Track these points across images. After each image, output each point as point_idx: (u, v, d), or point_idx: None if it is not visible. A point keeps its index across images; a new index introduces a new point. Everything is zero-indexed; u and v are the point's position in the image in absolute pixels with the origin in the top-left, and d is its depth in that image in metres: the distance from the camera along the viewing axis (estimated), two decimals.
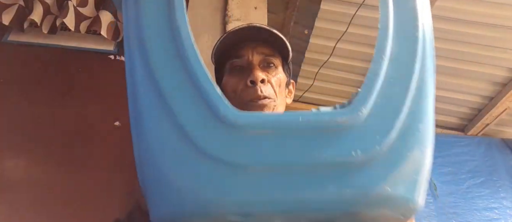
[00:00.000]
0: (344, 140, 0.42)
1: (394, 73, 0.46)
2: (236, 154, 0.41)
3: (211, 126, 0.42)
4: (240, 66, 0.82)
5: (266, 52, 0.82)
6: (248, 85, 0.78)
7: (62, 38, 1.82)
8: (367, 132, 0.42)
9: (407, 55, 0.48)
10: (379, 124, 0.43)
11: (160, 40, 0.46)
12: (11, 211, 1.42)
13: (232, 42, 0.83)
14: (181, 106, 0.43)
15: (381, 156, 0.42)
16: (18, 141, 1.56)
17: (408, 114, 0.44)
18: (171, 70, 0.45)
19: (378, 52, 0.47)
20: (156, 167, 0.43)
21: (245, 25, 0.83)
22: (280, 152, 0.41)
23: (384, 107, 0.44)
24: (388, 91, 0.45)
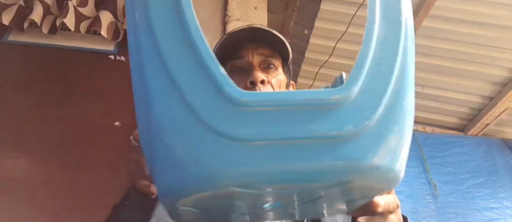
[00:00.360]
0: (337, 116, 0.46)
1: (381, 55, 0.51)
2: (240, 129, 0.45)
3: (217, 104, 0.46)
4: (240, 67, 0.82)
5: (266, 53, 0.82)
6: (248, 86, 0.78)
7: (62, 38, 1.82)
8: (358, 108, 0.47)
9: (392, 38, 0.52)
10: (368, 101, 0.48)
11: (167, 23, 0.50)
12: (11, 210, 1.42)
13: (232, 43, 0.83)
14: (189, 85, 0.47)
15: (370, 130, 0.47)
16: (18, 141, 1.56)
17: (393, 91, 0.49)
18: (178, 51, 0.48)
19: (367, 35, 0.52)
20: (163, 142, 0.46)
21: (245, 26, 0.83)
22: (280, 127, 0.45)
23: (372, 86, 0.49)
24: (376, 71, 0.50)
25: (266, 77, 0.79)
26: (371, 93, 0.48)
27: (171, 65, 0.48)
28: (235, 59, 0.82)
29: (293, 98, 0.47)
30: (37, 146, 1.56)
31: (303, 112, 0.46)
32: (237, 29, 0.83)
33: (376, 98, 0.48)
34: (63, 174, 1.50)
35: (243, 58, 0.82)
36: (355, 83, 0.48)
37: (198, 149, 0.45)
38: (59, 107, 1.66)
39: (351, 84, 0.48)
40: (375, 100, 0.48)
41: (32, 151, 1.55)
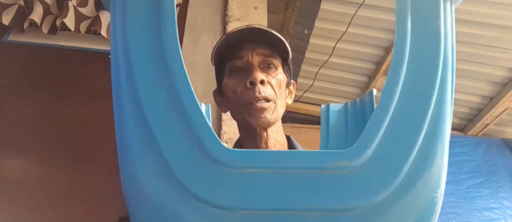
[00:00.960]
0: (344, 185, 0.37)
1: (406, 107, 0.40)
2: (225, 194, 0.37)
3: (197, 162, 0.38)
4: (240, 68, 0.82)
5: (265, 53, 0.82)
6: (247, 87, 0.78)
7: (62, 38, 1.82)
8: (370, 177, 0.38)
9: (424, 87, 0.41)
10: (385, 167, 0.38)
11: (148, 62, 0.42)
12: (12, 210, 1.42)
13: (231, 44, 0.83)
14: (167, 138, 0.39)
15: (384, 202, 0.37)
16: (18, 141, 1.56)
17: (419, 154, 0.39)
18: (158, 95, 0.40)
19: (389, 83, 0.40)
20: (140, 197, 0.40)
21: (244, 26, 0.83)
22: (272, 195, 0.37)
23: (391, 148, 0.38)
24: (398, 128, 0.39)
25: (265, 77, 0.79)
26: (389, 158, 0.38)
27: (149, 112, 0.40)
28: (234, 59, 0.82)
29: (290, 160, 0.38)
30: (37, 146, 1.55)
31: (302, 177, 0.38)
32: (236, 29, 0.83)
33: (395, 165, 0.38)
34: (63, 174, 1.50)
35: (242, 58, 0.81)
36: (369, 145, 0.38)
37: (175, 214, 0.38)
38: (59, 107, 1.66)
39: (364, 146, 0.38)
40: (393, 168, 0.38)
41: (32, 151, 1.55)
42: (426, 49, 0.42)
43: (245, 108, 0.78)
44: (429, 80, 0.41)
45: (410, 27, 0.42)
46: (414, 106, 0.40)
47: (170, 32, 0.42)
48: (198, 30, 1.89)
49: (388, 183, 0.37)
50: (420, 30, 0.42)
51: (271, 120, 0.79)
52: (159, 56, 0.41)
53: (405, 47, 0.41)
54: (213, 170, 0.38)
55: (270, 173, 0.38)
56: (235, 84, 0.80)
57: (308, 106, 3.13)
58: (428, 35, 0.42)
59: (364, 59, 2.76)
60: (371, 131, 0.39)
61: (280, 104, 0.81)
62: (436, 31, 0.43)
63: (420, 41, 0.42)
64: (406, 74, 0.40)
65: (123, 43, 0.43)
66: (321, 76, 2.87)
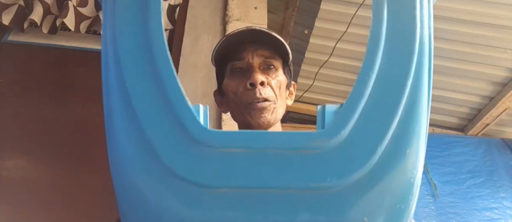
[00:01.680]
0: (320, 164, 0.38)
1: (382, 91, 0.41)
2: (204, 174, 0.39)
3: (179, 143, 0.40)
4: (240, 69, 0.82)
5: (266, 54, 0.82)
6: (248, 88, 0.78)
7: (62, 38, 1.82)
8: (345, 156, 0.39)
9: (399, 72, 0.42)
10: (360, 148, 0.39)
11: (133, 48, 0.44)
12: (12, 210, 1.42)
13: (232, 45, 0.83)
14: (149, 120, 0.41)
15: (359, 182, 0.38)
16: (18, 141, 1.56)
17: (394, 137, 0.40)
18: (143, 82, 0.42)
19: (365, 68, 0.42)
20: (125, 179, 0.42)
21: (244, 28, 0.83)
22: (250, 173, 0.39)
23: (366, 130, 0.40)
24: (373, 111, 0.40)
25: (266, 79, 0.79)
26: (364, 139, 0.39)
27: (134, 97, 0.42)
28: (235, 60, 0.82)
29: (267, 140, 0.39)
30: (37, 146, 1.55)
31: (279, 157, 0.39)
32: (237, 30, 0.83)
33: (370, 146, 0.39)
34: (63, 174, 1.50)
35: (243, 59, 0.82)
36: (344, 126, 0.39)
37: (157, 193, 0.39)
38: (59, 107, 1.66)
39: (339, 127, 0.40)
40: (368, 148, 0.39)
41: (32, 151, 1.55)
42: (402, 37, 0.43)
43: (246, 109, 0.79)
44: (404, 67, 0.42)
45: (386, 14, 0.43)
46: (389, 90, 0.41)
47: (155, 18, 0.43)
48: (198, 30, 1.89)
49: (363, 163, 0.38)
50: (395, 17, 0.43)
51: (271, 120, 0.79)
52: (145, 46, 0.43)
53: (381, 33, 0.43)
54: (194, 149, 0.39)
55: (248, 153, 0.39)
56: (235, 85, 0.81)
57: (308, 106, 3.13)
58: (404, 23, 0.43)
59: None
60: (346, 112, 0.40)
61: (280, 105, 0.82)
62: (411, 20, 0.43)
63: (396, 28, 0.43)
64: (382, 60, 0.42)
65: (112, 34, 0.45)
66: (321, 76, 2.87)
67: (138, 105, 0.41)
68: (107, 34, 0.46)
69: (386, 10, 0.44)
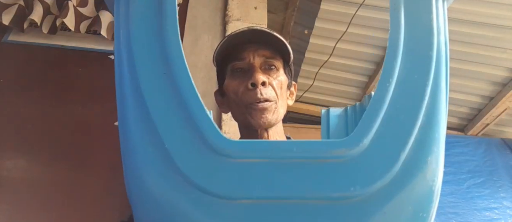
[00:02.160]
0: (342, 173, 0.38)
1: (402, 98, 0.41)
2: (223, 184, 0.38)
3: (198, 153, 0.39)
4: (241, 69, 0.82)
5: (267, 54, 0.82)
6: (249, 88, 0.78)
7: (62, 38, 1.82)
8: (368, 165, 0.38)
9: (418, 78, 0.42)
10: (382, 156, 0.39)
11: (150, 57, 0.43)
12: (12, 210, 1.42)
13: (233, 45, 0.83)
14: (168, 129, 0.40)
15: (381, 191, 0.38)
16: (18, 141, 1.56)
17: (415, 143, 0.40)
18: (159, 89, 0.41)
19: (385, 74, 0.42)
20: (142, 189, 0.41)
21: (246, 28, 0.83)
22: (271, 184, 0.38)
23: (388, 137, 0.39)
24: (394, 118, 0.40)
25: (267, 79, 0.79)
26: (386, 147, 0.39)
27: (151, 105, 0.41)
28: (236, 60, 0.82)
29: (287, 149, 0.39)
30: (37, 146, 1.55)
31: (299, 166, 0.38)
32: (238, 31, 0.83)
33: (392, 153, 0.39)
34: (63, 174, 1.50)
35: (244, 59, 0.82)
36: (366, 134, 0.39)
37: (176, 203, 0.39)
38: (59, 107, 1.66)
39: (361, 135, 0.39)
40: (390, 155, 0.39)
41: (32, 151, 1.55)
42: (420, 43, 0.43)
43: (247, 109, 0.79)
44: (423, 72, 0.42)
45: (404, 21, 0.43)
46: (409, 97, 0.41)
47: (171, 28, 0.43)
48: (198, 30, 1.89)
49: (385, 171, 0.38)
50: (413, 24, 0.43)
51: (272, 120, 0.79)
52: (161, 51, 0.42)
53: (399, 40, 0.43)
54: (213, 160, 0.39)
55: (269, 163, 0.38)
56: (236, 86, 0.81)
57: (308, 106, 3.13)
58: (421, 29, 0.44)
59: (364, 59, 2.76)
60: (368, 121, 0.40)
61: (281, 105, 0.82)
62: (429, 26, 0.44)
63: (414, 35, 0.43)
64: (401, 67, 0.42)
65: (126, 40, 0.44)
66: (321, 76, 2.87)
67: (155, 114, 0.41)
68: (121, 39, 0.45)
69: (404, 16, 0.43)
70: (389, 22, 0.44)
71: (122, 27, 0.45)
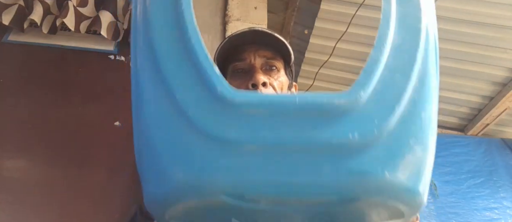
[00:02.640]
0: (342, 123, 0.41)
1: (395, 61, 0.45)
2: (231, 131, 0.40)
3: (207, 104, 0.42)
4: (242, 69, 0.82)
5: (268, 55, 0.82)
6: (249, 89, 0.78)
7: (62, 38, 1.82)
8: (366, 116, 0.41)
9: (409, 44, 0.47)
10: (379, 109, 0.42)
11: (163, 18, 0.46)
12: (11, 210, 1.42)
13: (234, 46, 0.83)
14: (179, 82, 0.43)
15: (380, 140, 0.41)
16: (18, 141, 1.56)
17: (409, 101, 0.43)
18: (171, 48, 0.45)
19: (379, 40, 0.46)
20: (150, 143, 0.43)
21: (246, 29, 0.83)
22: (275, 131, 0.40)
23: (384, 93, 0.43)
24: (389, 78, 0.44)
25: (268, 80, 0.79)
26: (382, 101, 0.42)
27: (163, 61, 0.44)
28: (236, 61, 0.82)
29: (291, 102, 0.41)
30: (37, 146, 1.55)
31: (303, 117, 0.41)
32: (239, 31, 0.83)
33: (388, 107, 0.42)
34: (63, 174, 1.50)
35: (244, 60, 0.82)
36: (363, 88, 0.42)
37: (184, 151, 0.41)
38: (59, 107, 1.65)
39: (359, 88, 0.42)
40: (386, 108, 0.42)
41: (32, 151, 1.55)
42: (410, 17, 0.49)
43: None
44: (414, 40, 0.47)
45: None
46: (402, 59, 0.45)
47: None
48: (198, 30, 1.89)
49: (382, 120, 0.41)
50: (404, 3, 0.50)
51: None
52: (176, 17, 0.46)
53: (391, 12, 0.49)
54: (222, 109, 0.41)
55: (273, 113, 0.41)
56: (237, 86, 0.81)
57: None
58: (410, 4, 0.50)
59: (364, 59, 2.75)
60: (366, 76, 0.43)
61: None
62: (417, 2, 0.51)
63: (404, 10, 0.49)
64: (394, 35, 0.46)
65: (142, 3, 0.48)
66: (321, 76, 2.87)
67: (166, 68, 0.44)
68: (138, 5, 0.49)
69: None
70: None
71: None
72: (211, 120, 0.41)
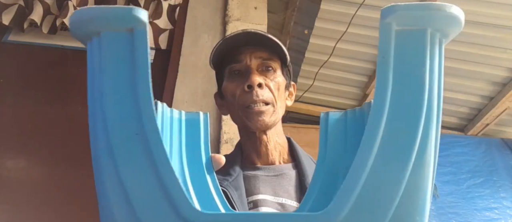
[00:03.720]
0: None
1: (384, 166, 0.38)
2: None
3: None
4: (238, 71, 0.83)
5: (264, 56, 0.83)
6: (245, 90, 0.78)
7: (62, 38, 1.82)
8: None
9: (403, 140, 0.38)
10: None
11: (122, 115, 0.41)
12: (12, 210, 1.42)
13: (230, 47, 0.83)
14: (139, 196, 0.39)
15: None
16: (18, 141, 1.56)
17: (395, 214, 0.38)
18: (133, 156, 0.40)
19: (367, 138, 0.38)
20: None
21: (241, 31, 0.83)
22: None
23: (367, 211, 0.37)
24: (374, 189, 0.37)
25: (264, 81, 0.79)
26: (366, 217, 0.37)
27: (124, 172, 0.40)
28: (233, 62, 0.83)
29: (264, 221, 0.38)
30: (37, 146, 1.55)
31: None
32: (233, 33, 0.83)
33: None
34: (63, 174, 1.50)
35: (241, 61, 0.82)
36: (343, 207, 0.37)
37: None
38: (59, 107, 1.66)
39: (339, 206, 0.37)
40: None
41: (32, 151, 1.55)
42: (408, 102, 0.39)
43: (243, 112, 0.79)
44: (409, 135, 0.38)
45: (392, 77, 0.39)
46: (392, 164, 0.38)
47: (143, 84, 0.40)
48: (198, 30, 1.89)
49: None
50: (402, 80, 0.40)
51: (270, 122, 0.79)
52: (134, 109, 0.40)
53: (385, 101, 0.39)
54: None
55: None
56: (233, 88, 0.81)
57: (308, 106, 3.13)
58: (411, 86, 0.40)
59: (364, 59, 2.76)
60: (346, 192, 0.37)
61: (279, 107, 0.82)
62: (420, 81, 0.39)
63: (402, 93, 0.39)
64: (384, 131, 0.38)
65: (99, 94, 0.42)
66: (321, 76, 2.87)
67: (127, 179, 0.40)
68: (94, 92, 0.43)
69: (392, 72, 0.40)
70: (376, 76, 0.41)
71: (96, 78, 0.42)
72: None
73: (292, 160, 0.86)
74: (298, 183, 0.80)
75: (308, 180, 0.78)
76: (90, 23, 0.41)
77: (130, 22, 0.40)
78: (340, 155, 0.55)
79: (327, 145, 0.56)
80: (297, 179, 0.81)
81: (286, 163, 0.85)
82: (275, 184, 0.79)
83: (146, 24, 0.40)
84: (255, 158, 0.83)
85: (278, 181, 0.80)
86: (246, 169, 0.82)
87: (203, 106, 1.64)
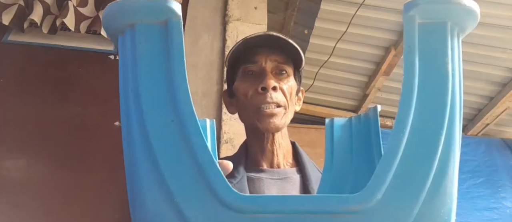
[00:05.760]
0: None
1: (416, 149, 0.40)
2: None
3: (209, 208, 0.39)
4: (253, 72, 0.83)
5: (279, 59, 0.83)
6: (259, 92, 0.79)
7: (62, 38, 1.82)
8: (382, 220, 0.38)
9: (432, 126, 0.41)
10: (395, 212, 0.39)
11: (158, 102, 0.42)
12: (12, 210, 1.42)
13: (246, 47, 0.84)
14: (178, 182, 0.40)
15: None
16: (18, 141, 1.56)
17: (428, 195, 0.40)
18: (169, 141, 0.41)
19: (398, 125, 0.40)
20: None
21: (262, 32, 0.84)
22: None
23: (401, 191, 0.39)
24: (407, 171, 0.40)
25: (277, 84, 0.80)
26: (400, 200, 0.39)
27: (160, 157, 0.40)
28: (248, 63, 0.83)
29: (300, 204, 0.39)
30: (37, 146, 1.55)
31: (313, 221, 0.39)
32: (254, 34, 0.84)
33: (406, 207, 0.39)
34: (63, 174, 1.50)
35: (256, 63, 0.83)
36: (379, 189, 0.39)
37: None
38: (59, 107, 1.66)
39: (374, 190, 0.39)
40: (404, 209, 0.39)
41: (32, 151, 1.55)
42: (434, 88, 0.42)
43: (255, 113, 0.80)
44: (438, 121, 0.41)
45: (418, 66, 0.42)
46: (423, 147, 0.40)
47: (179, 72, 0.42)
48: (198, 30, 1.89)
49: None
50: (428, 69, 0.42)
51: (280, 125, 0.80)
52: (170, 97, 0.42)
53: (413, 87, 0.41)
54: (224, 215, 0.39)
55: (281, 218, 0.39)
56: (246, 88, 0.82)
57: (308, 106, 3.13)
58: (436, 74, 0.42)
59: (364, 59, 2.76)
60: (381, 174, 0.39)
61: (290, 111, 0.83)
62: (443, 69, 0.42)
63: (428, 80, 0.42)
64: (414, 115, 0.41)
65: (133, 84, 0.43)
66: (321, 76, 2.87)
67: (164, 165, 0.40)
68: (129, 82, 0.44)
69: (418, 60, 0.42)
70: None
71: (130, 69, 0.44)
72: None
73: (296, 164, 0.86)
74: (302, 187, 0.80)
75: (312, 185, 0.78)
76: (125, 16, 0.43)
77: (165, 14, 0.42)
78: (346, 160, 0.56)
79: (333, 151, 0.57)
80: (301, 183, 0.81)
81: (291, 167, 0.85)
82: (280, 188, 0.79)
83: (180, 16, 0.42)
84: (260, 159, 0.84)
85: (282, 184, 0.80)
86: (250, 171, 0.82)
87: (203, 106, 1.64)
